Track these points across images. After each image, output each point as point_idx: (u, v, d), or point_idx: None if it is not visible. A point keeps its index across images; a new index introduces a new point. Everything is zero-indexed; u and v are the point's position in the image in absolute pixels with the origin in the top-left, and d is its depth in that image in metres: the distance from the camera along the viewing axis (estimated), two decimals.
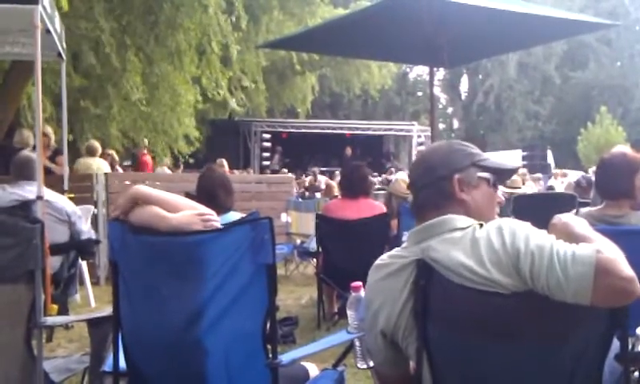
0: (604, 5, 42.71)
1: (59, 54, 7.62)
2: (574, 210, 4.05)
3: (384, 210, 6.73)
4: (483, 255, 1.86)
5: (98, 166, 10.45)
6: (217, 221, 2.54)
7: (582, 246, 1.80)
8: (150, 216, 2.50)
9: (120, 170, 13.19)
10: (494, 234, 1.89)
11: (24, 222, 2.85)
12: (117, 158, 13.26)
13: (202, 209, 2.57)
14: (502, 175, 2.23)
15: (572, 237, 1.89)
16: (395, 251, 2.12)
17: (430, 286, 1.95)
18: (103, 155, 11.44)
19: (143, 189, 2.60)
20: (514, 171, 2.44)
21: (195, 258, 2.41)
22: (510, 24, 7.65)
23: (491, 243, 1.87)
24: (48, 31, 6.32)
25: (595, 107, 37.77)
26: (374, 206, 6.65)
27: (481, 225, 1.96)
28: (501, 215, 2.17)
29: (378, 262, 2.13)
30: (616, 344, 1.99)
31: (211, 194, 4.23)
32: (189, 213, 2.52)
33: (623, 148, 4.06)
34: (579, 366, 1.91)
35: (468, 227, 1.97)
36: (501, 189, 2.31)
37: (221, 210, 3.81)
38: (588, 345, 1.91)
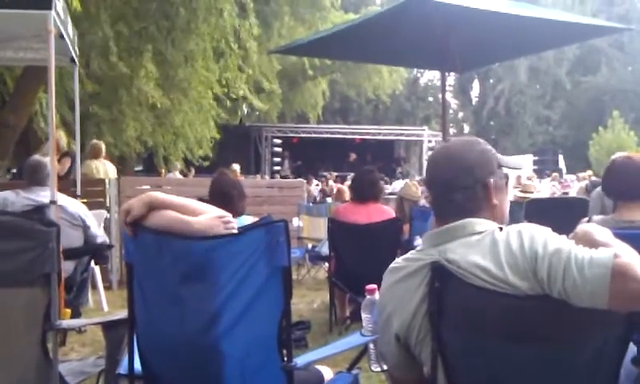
0: (616, 9, 42.55)
1: (72, 59, 7.65)
2: (587, 217, 4.03)
3: (393, 214, 6.73)
4: (501, 257, 1.87)
5: (97, 166, 10.27)
6: (235, 223, 2.55)
7: (600, 250, 1.79)
8: (170, 220, 2.49)
9: None
10: (513, 237, 1.89)
11: (40, 225, 2.86)
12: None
13: (219, 212, 2.57)
14: (512, 171, 2.25)
15: (592, 243, 1.88)
16: (410, 254, 2.12)
17: (445, 288, 1.96)
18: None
19: (159, 195, 2.60)
20: (519, 167, 2.44)
21: (212, 262, 2.41)
22: (521, 28, 7.64)
23: (510, 246, 1.88)
24: (61, 36, 6.35)
25: (607, 112, 37.56)
26: (384, 211, 6.64)
27: (500, 228, 1.97)
28: (513, 220, 2.17)
29: (392, 265, 2.13)
30: (632, 347, 1.99)
31: (225, 197, 4.25)
32: (210, 216, 2.52)
33: (622, 154, 4.04)
34: (596, 369, 1.91)
35: (486, 230, 1.98)
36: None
37: (234, 213, 3.82)
38: (605, 348, 1.91)
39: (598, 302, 1.73)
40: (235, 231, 2.49)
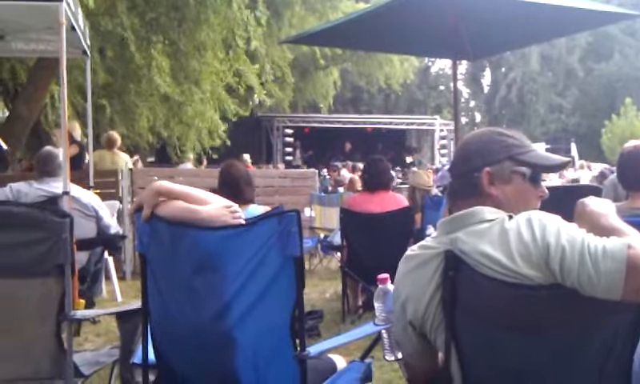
0: None
1: (84, 51, 7.67)
2: None
3: (406, 203, 6.72)
4: (512, 248, 1.84)
5: (113, 159, 10.39)
6: (241, 213, 2.55)
7: (612, 240, 1.77)
8: (178, 210, 2.51)
9: None
10: (524, 226, 1.86)
11: (53, 216, 2.87)
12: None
13: (225, 202, 2.58)
14: (542, 170, 2.19)
15: (600, 229, 1.87)
16: (425, 241, 2.11)
17: (458, 278, 1.95)
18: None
19: (166, 183, 2.61)
20: (557, 167, 2.35)
21: (224, 252, 2.42)
22: (533, 16, 7.59)
23: (521, 236, 1.84)
24: (73, 28, 6.36)
25: (620, 99, 37.33)
26: (397, 199, 6.64)
27: (510, 216, 1.94)
28: None
29: (408, 252, 2.13)
30: None
31: (234, 186, 4.26)
32: (217, 205, 2.53)
33: (635, 142, 3.99)
34: (609, 357, 1.89)
35: (496, 219, 1.96)
36: None
37: (243, 202, 3.84)
38: (617, 336, 1.89)
39: (611, 295, 1.72)
40: (242, 221, 2.50)
